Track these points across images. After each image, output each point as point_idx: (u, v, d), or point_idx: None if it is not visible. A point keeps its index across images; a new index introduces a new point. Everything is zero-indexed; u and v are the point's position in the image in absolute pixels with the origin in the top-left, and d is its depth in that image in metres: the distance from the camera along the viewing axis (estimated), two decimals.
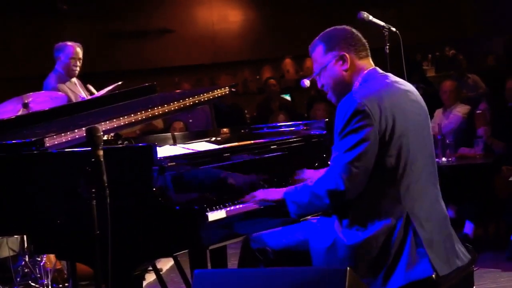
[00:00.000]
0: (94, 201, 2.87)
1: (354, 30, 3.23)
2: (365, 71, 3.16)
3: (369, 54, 3.22)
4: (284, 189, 3.29)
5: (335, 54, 3.17)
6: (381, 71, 3.21)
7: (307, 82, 4.17)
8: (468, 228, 6.62)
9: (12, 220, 3.62)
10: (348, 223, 3.04)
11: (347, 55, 3.15)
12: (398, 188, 2.99)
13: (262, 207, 3.40)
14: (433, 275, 2.94)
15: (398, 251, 2.96)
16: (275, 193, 3.33)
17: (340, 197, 2.97)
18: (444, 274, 2.98)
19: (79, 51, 6.57)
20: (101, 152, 2.89)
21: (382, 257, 2.96)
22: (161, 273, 4.96)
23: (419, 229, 2.97)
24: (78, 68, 6.58)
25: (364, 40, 3.22)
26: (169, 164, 3.30)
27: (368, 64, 3.20)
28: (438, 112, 7.67)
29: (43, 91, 6.14)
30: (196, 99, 4.28)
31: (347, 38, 3.18)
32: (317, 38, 3.25)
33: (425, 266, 2.95)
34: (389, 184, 3.00)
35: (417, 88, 3.29)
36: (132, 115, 3.89)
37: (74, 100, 6.26)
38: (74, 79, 6.63)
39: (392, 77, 3.20)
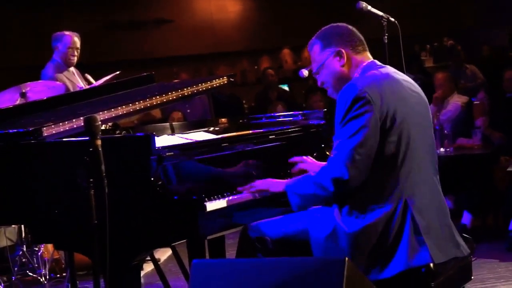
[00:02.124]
0: (92, 190, 2.86)
1: (349, 27, 3.27)
2: (364, 64, 3.19)
3: (367, 48, 3.26)
4: (286, 181, 3.28)
5: (332, 50, 3.20)
6: (379, 63, 3.24)
7: (305, 72, 4.18)
8: (466, 218, 6.62)
9: (9, 210, 3.60)
10: (348, 210, 3.04)
11: (343, 50, 3.19)
12: (398, 175, 3.00)
13: (260, 197, 3.40)
14: (431, 263, 2.95)
15: (397, 238, 2.96)
16: (276, 185, 3.31)
17: (345, 185, 2.97)
18: (439, 262, 2.99)
19: (77, 40, 6.55)
20: (99, 142, 2.89)
21: (381, 243, 2.97)
22: (159, 263, 4.96)
23: (417, 216, 2.98)
24: (75, 58, 6.57)
25: (360, 36, 3.26)
26: (167, 154, 3.29)
27: (366, 57, 3.23)
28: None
29: (40, 81, 6.13)
30: (194, 89, 4.27)
31: (342, 34, 3.22)
32: (313, 37, 3.29)
33: (424, 253, 2.95)
34: (389, 171, 3.00)
35: (415, 79, 3.30)
36: (130, 104, 3.88)
37: (72, 89, 6.24)
38: (72, 69, 6.62)
39: (391, 69, 3.23)
